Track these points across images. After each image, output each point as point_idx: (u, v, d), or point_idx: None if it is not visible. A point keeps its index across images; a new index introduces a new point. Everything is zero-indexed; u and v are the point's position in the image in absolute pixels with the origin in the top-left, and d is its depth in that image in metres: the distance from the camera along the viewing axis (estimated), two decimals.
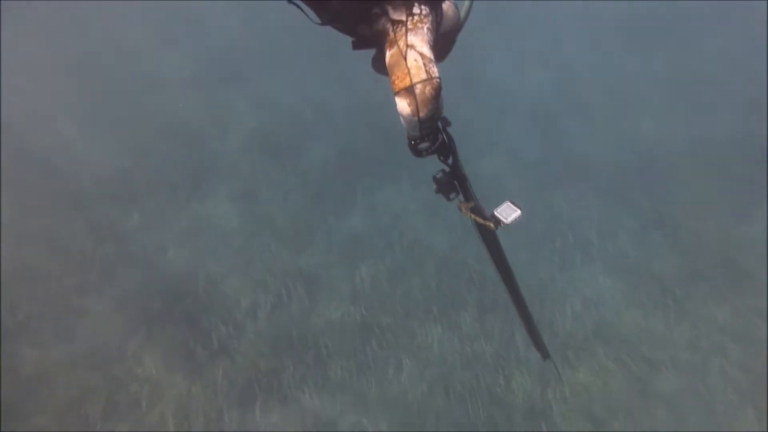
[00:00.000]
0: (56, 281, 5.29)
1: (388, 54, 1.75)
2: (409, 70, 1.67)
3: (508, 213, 2.03)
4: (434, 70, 1.69)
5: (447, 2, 1.98)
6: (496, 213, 2.05)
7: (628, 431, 4.56)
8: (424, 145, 1.91)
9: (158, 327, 5.00)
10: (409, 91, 1.68)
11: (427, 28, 1.74)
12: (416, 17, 1.72)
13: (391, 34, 1.73)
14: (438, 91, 1.70)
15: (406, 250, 5.98)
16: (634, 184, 6.79)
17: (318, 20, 1.91)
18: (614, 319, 5.43)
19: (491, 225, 2.09)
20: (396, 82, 1.70)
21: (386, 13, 1.74)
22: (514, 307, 2.91)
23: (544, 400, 4.68)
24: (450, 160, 2.07)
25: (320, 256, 6.00)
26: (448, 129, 1.98)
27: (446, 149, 2.02)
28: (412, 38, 1.69)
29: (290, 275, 5.75)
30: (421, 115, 1.71)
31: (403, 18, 1.72)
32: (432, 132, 1.89)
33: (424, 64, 1.68)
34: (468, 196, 2.20)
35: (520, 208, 2.03)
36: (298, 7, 1.86)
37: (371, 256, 5.92)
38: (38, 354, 4.70)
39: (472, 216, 2.18)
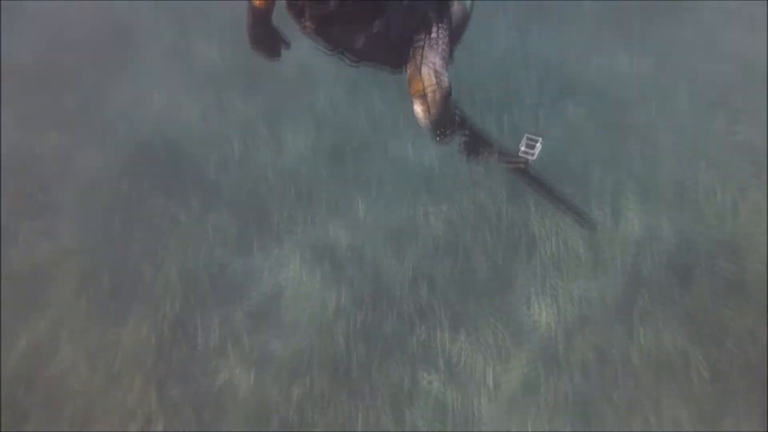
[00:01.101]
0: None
1: (408, 71, 2.07)
2: (422, 80, 1.98)
3: (531, 147, 2.24)
4: (444, 80, 2.01)
5: (455, 3, 2.21)
6: (521, 152, 2.26)
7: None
8: (444, 136, 2.21)
9: (134, 204, 4.98)
10: (422, 96, 2.01)
11: (442, 46, 2.02)
12: (433, 38, 2.01)
13: (411, 54, 2.03)
14: (446, 97, 2.03)
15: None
16: None
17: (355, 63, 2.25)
18: (579, 70, 5.33)
19: (522, 165, 2.33)
20: (412, 90, 2.03)
21: (412, 42, 2.04)
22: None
23: None
24: (466, 130, 2.35)
25: (273, 94, 5.76)
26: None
27: (461, 125, 2.30)
28: (427, 53, 1.99)
29: (249, 121, 5.59)
30: (432, 115, 2.05)
31: (422, 40, 2.02)
32: (446, 125, 2.18)
33: (436, 74, 1.99)
34: (492, 148, 2.41)
35: (539, 138, 2.25)
36: (342, 58, 2.20)
37: (324, 81, 5.68)
38: (24, 252, 4.77)
39: (504, 163, 2.41)
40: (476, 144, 2.41)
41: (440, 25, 2.06)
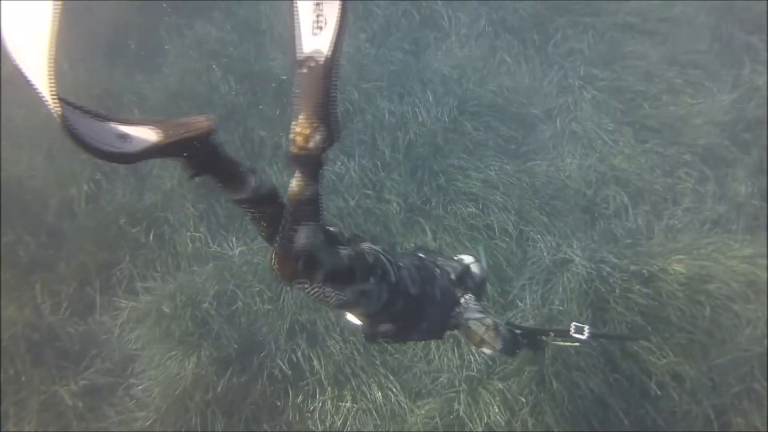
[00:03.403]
0: None
1: (462, 335, 2.44)
2: (474, 332, 2.35)
3: (580, 330, 2.51)
4: (488, 320, 2.35)
5: (474, 264, 2.60)
6: (572, 334, 2.52)
7: None
8: (516, 353, 2.60)
9: None
10: (482, 341, 2.33)
11: (472, 304, 2.42)
12: (462, 303, 2.42)
13: (455, 323, 2.42)
14: (497, 330, 2.32)
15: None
16: None
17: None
18: (479, 88, 4.77)
19: (576, 343, 2.60)
20: (474, 343, 2.38)
21: (451, 315, 2.44)
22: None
23: None
24: (526, 339, 2.60)
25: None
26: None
27: (524, 336, 2.57)
28: (466, 314, 2.40)
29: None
30: (498, 348, 2.33)
31: (458, 310, 2.41)
32: (514, 346, 2.48)
33: (480, 320, 2.36)
34: (549, 336, 2.68)
35: (585, 325, 2.53)
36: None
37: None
38: None
39: (562, 343, 2.69)
40: (538, 340, 2.69)
41: (465, 295, 2.45)
